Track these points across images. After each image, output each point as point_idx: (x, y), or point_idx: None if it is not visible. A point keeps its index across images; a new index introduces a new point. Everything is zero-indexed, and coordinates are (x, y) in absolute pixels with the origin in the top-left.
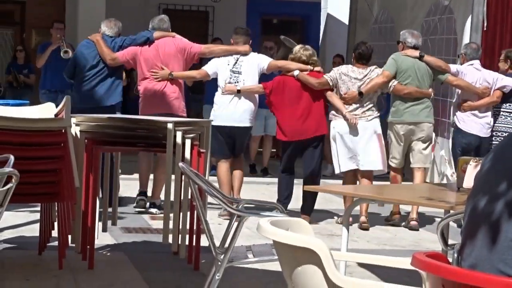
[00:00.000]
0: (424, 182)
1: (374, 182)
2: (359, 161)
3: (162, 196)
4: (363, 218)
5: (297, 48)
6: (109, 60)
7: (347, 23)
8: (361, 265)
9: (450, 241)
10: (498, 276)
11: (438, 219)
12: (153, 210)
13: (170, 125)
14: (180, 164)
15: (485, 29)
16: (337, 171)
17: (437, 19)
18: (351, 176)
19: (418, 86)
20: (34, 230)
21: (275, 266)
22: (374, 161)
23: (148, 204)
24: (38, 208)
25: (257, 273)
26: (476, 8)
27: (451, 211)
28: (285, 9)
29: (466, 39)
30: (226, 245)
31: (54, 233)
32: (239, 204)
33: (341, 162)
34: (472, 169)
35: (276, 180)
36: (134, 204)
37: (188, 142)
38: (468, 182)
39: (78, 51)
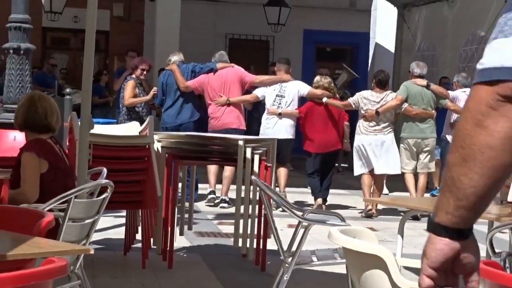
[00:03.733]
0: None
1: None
2: (377, 166)
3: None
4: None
5: (318, 78)
6: (182, 88)
7: (393, 51)
8: (407, 268)
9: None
10: None
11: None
12: (224, 204)
13: (241, 142)
14: (253, 177)
15: None
16: (356, 173)
17: (474, 48)
18: (367, 177)
19: (424, 109)
20: (119, 233)
21: (336, 269)
22: (394, 166)
23: (217, 200)
24: (123, 214)
25: (319, 275)
26: None
27: (496, 223)
28: (337, 38)
29: None
30: (293, 249)
31: (138, 236)
32: (305, 212)
33: (363, 165)
34: None
35: None
36: (205, 201)
37: (256, 157)
38: None
39: (168, 80)
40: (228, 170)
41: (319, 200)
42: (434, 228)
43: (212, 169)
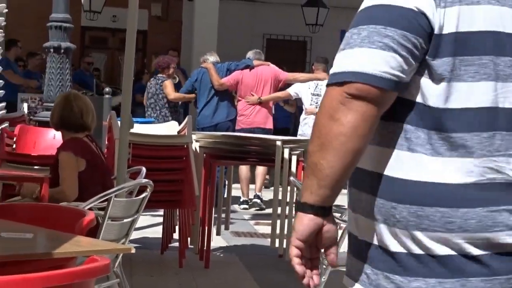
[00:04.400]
0: None
1: None
2: None
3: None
4: None
5: None
6: (217, 85)
7: None
8: None
9: None
10: None
11: None
12: (257, 200)
13: (279, 143)
14: (292, 178)
15: None
16: None
17: None
18: None
19: None
20: (156, 232)
21: None
22: None
23: (250, 203)
24: (160, 213)
25: None
26: None
27: None
28: None
29: None
30: None
31: (175, 236)
32: (343, 214)
33: None
34: None
35: None
36: (239, 205)
37: (294, 158)
38: None
39: (202, 78)
40: (260, 167)
41: None
42: (301, 207)
43: (243, 177)
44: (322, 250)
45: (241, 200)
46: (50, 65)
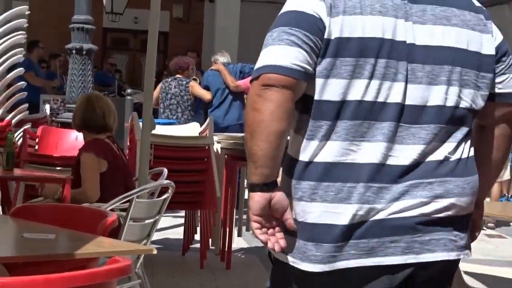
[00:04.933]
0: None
1: None
2: None
3: None
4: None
5: None
6: (233, 87)
7: None
8: (467, 273)
9: None
10: None
11: None
12: None
13: None
14: None
15: None
16: None
17: None
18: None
19: None
20: (177, 233)
21: None
22: None
23: None
24: (181, 214)
25: None
26: None
27: None
28: None
29: None
30: None
31: (196, 237)
32: None
33: None
34: None
35: None
36: None
37: None
38: None
39: (213, 80)
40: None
41: None
42: (250, 188)
43: None
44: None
45: None
46: (72, 67)
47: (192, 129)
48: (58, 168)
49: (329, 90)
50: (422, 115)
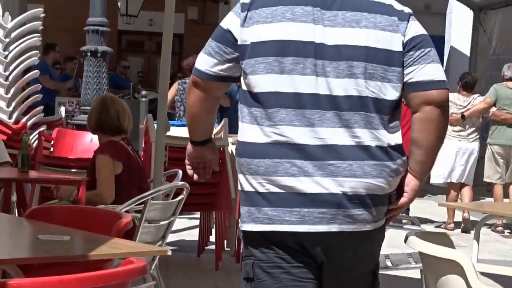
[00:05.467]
0: None
1: None
2: (458, 176)
3: None
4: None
5: None
6: None
7: (468, 54)
8: (483, 274)
9: None
10: None
11: None
12: None
13: None
14: None
15: None
16: (432, 181)
17: None
18: (455, 189)
19: None
20: (192, 235)
21: (411, 274)
22: (468, 177)
23: None
24: (197, 216)
25: (394, 279)
26: None
27: None
28: None
29: None
30: None
31: (211, 238)
32: None
33: (442, 174)
34: None
35: None
36: None
37: None
38: None
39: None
40: None
41: None
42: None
43: None
44: None
45: None
46: (87, 69)
47: None
48: (73, 170)
49: (252, 84)
50: (337, 103)
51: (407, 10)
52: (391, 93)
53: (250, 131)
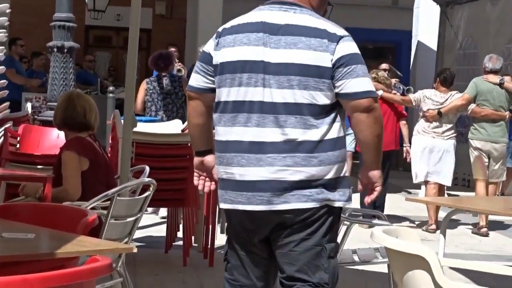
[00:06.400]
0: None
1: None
2: (432, 174)
3: None
4: (433, 227)
5: (372, 71)
6: None
7: (435, 49)
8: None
9: None
10: None
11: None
12: None
13: None
14: None
15: None
16: (414, 181)
17: None
18: (431, 188)
19: (495, 109)
20: (160, 231)
21: (378, 268)
22: (445, 177)
23: None
24: (164, 211)
25: (361, 274)
26: None
27: None
28: (379, 36)
29: None
30: None
31: (179, 234)
32: (346, 211)
33: (418, 173)
34: None
35: None
36: None
37: None
38: None
39: None
40: None
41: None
42: (195, 154)
43: None
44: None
45: None
46: (53, 65)
47: (174, 126)
48: (39, 166)
49: (220, 95)
50: (276, 108)
51: (340, 33)
52: (322, 99)
53: (218, 131)
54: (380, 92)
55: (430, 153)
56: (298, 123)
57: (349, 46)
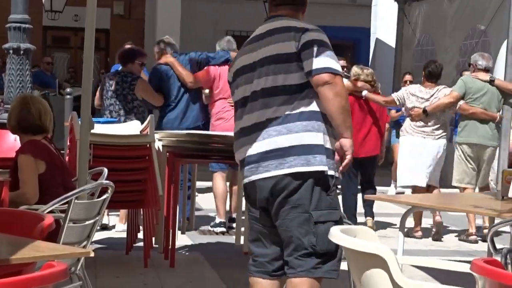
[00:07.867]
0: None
1: None
2: (421, 178)
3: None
4: (419, 233)
5: (356, 68)
6: (190, 83)
7: (394, 46)
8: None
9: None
10: None
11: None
12: (234, 224)
13: None
14: None
15: None
16: (399, 184)
17: (474, 42)
18: (420, 193)
19: (485, 109)
20: (121, 233)
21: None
22: (435, 179)
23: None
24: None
25: None
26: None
27: (497, 219)
28: (338, 33)
29: (501, 61)
30: None
31: (139, 235)
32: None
33: (403, 175)
34: None
35: None
36: (212, 224)
37: None
38: None
39: (165, 76)
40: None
41: (369, 222)
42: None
43: (220, 193)
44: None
45: (217, 221)
46: (9, 67)
47: (133, 128)
48: None
49: (236, 93)
50: (259, 94)
51: (308, 27)
52: (294, 79)
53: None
54: (364, 92)
55: (420, 154)
56: (281, 102)
57: (313, 34)
